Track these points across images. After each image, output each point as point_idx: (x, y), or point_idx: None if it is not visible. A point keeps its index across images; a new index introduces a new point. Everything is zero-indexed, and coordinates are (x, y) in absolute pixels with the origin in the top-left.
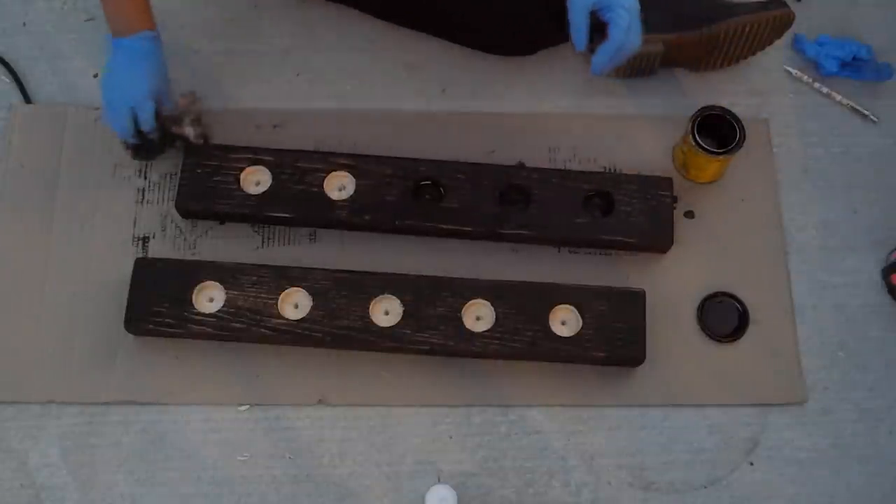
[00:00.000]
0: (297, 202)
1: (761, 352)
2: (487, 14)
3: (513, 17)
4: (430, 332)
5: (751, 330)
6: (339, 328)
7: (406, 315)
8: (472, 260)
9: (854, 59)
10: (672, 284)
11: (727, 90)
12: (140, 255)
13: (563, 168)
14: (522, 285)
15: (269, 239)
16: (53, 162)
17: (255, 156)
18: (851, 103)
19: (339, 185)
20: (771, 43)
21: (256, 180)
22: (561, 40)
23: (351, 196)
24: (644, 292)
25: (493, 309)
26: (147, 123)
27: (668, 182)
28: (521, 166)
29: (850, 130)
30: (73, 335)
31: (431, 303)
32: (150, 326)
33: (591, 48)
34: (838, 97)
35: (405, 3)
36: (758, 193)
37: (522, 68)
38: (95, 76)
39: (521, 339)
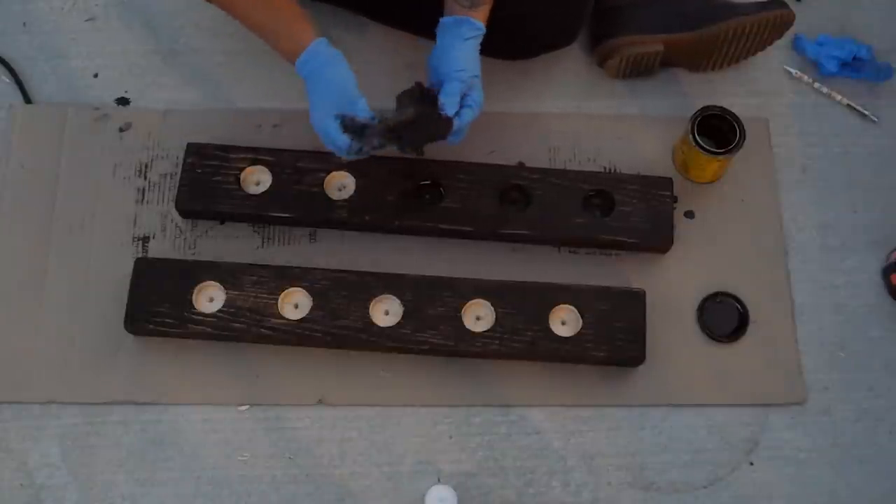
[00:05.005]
0: (297, 202)
1: (761, 352)
2: (488, 19)
3: (513, 23)
4: (430, 332)
5: (751, 330)
6: (339, 328)
7: (406, 315)
8: (472, 260)
9: (854, 59)
10: (672, 284)
11: (727, 90)
12: (140, 255)
13: (563, 168)
14: (522, 285)
15: (269, 239)
16: (53, 162)
17: (255, 156)
18: (851, 103)
19: (339, 185)
20: (771, 43)
21: (256, 180)
22: (561, 45)
23: (351, 196)
24: (644, 292)
25: (493, 309)
26: (363, 112)
27: (668, 182)
28: (521, 166)
29: (850, 130)
30: (73, 335)
31: (431, 303)
32: (150, 326)
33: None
34: (838, 97)
35: (406, 8)
36: (758, 193)
37: (523, 70)
38: (96, 76)
39: (521, 339)
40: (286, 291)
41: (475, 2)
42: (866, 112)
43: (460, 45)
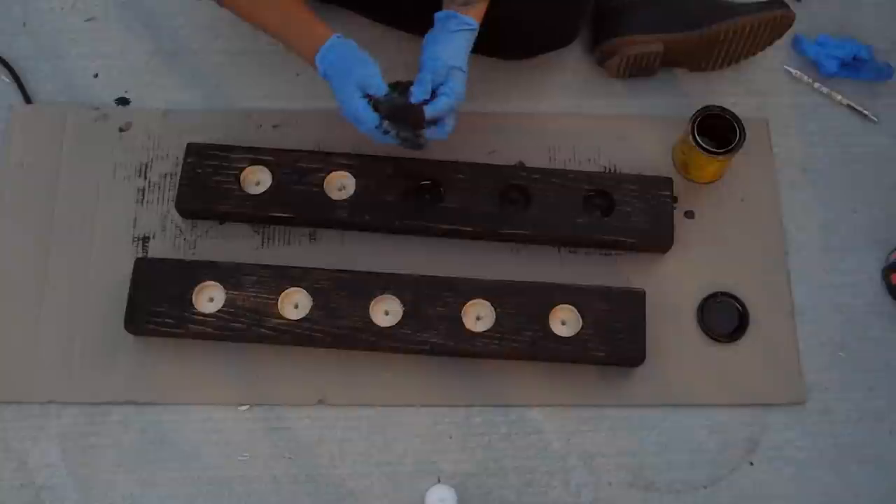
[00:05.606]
0: (297, 202)
1: (761, 352)
2: (488, 19)
3: (513, 23)
4: (430, 332)
5: (751, 330)
6: (339, 328)
7: (406, 315)
8: (472, 260)
9: (854, 59)
10: (672, 284)
11: (727, 90)
12: (140, 255)
13: (563, 168)
14: (522, 285)
15: (269, 239)
16: (53, 162)
17: (255, 156)
18: (851, 103)
19: (339, 185)
20: (771, 43)
21: (256, 180)
22: (561, 45)
23: (351, 196)
24: (644, 292)
25: (493, 309)
26: (378, 89)
27: (668, 182)
28: (521, 166)
29: (850, 130)
30: (73, 335)
31: (431, 303)
32: (150, 326)
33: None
34: (838, 97)
35: (405, 8)
36: (758, 193)
37: (523, 70)
38: (96, 76)
39: (521, 339)
40: (286, 291)
41: (468, 0)
42: (866, 112)
43: (444, 38)
